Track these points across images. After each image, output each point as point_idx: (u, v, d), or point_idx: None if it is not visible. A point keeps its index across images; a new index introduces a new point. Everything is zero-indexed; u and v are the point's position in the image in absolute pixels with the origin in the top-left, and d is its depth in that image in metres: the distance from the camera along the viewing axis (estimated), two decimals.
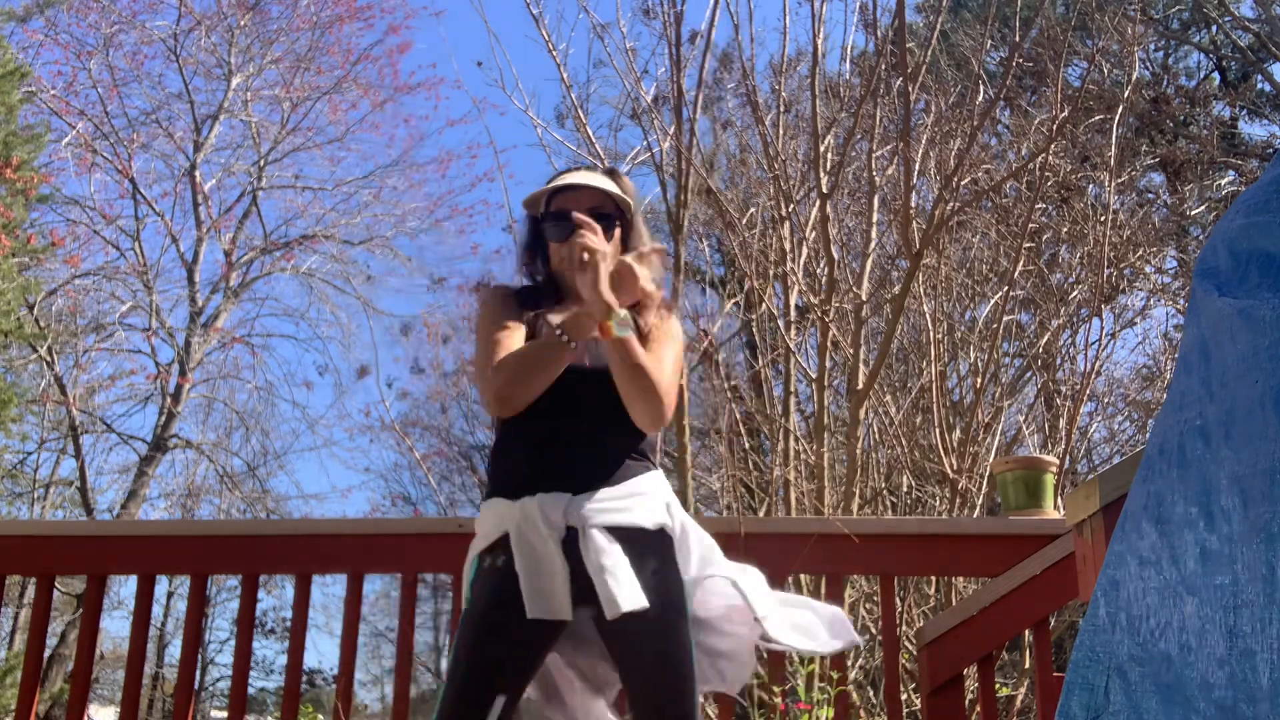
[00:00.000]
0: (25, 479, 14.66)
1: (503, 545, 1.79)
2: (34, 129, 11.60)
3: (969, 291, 6.75)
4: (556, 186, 1.98)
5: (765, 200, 6.10)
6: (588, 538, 1.76)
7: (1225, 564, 0.52)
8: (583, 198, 1.97)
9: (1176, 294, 8.41)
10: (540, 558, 1.74)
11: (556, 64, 5.65)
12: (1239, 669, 0.50)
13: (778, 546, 2.69)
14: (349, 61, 15.05)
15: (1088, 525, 1.95)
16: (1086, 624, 0.62)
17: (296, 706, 2.69)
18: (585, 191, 1.97)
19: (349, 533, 2.93)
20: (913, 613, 5.09)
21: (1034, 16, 7.50)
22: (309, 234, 15.09)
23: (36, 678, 2.72)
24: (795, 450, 5.45)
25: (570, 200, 1.96)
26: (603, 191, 1.98)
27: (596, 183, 1.98)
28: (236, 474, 15.50)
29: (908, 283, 4.42)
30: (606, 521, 1.79)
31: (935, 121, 6.08)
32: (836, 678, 2.57)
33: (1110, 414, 8.18)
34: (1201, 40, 14.02)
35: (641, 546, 1.79)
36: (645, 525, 1.82)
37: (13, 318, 10.76)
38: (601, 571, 1.73)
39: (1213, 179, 11.81)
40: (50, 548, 2.87)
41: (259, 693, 18.92)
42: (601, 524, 1.78)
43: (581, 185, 1.98)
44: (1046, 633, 2.58)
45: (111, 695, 15.57)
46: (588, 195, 1.97)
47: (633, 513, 1.82)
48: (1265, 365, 0.52)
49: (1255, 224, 0.57)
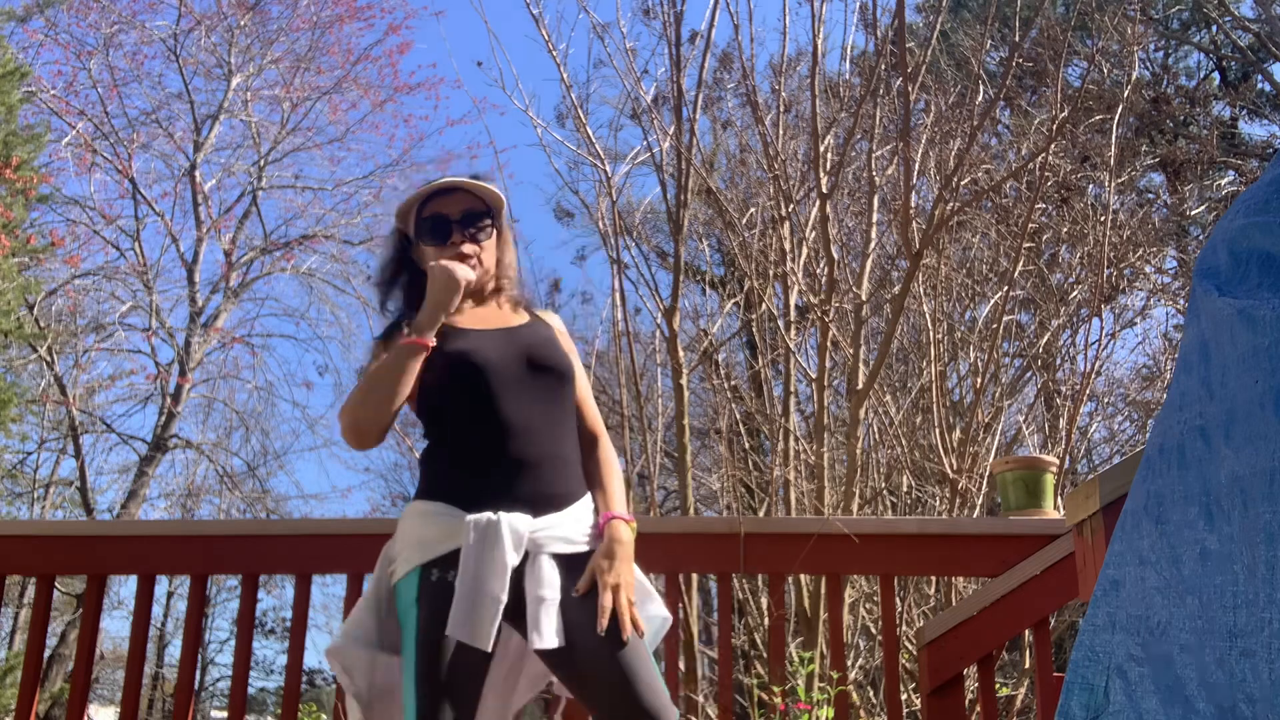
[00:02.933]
0: (25, 479, 14.66)
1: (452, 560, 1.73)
2: (34, 129, 11.60)
3: (969, 291, 6.75)
4: (428, 193, 1.96)
5: (765, 200, 6.10)
6: (536, 565, 1.74)
7: (1225, 564, 0.52)
8: (456, 200, 1.95)
9: (1176, 294, 8.41)
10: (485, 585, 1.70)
11: (556, 64, 5.65)
12: (1239, 669, 0.50)
13: (778, 546, 2.69)
14: (349, 61, 15.07)
15: (1088, 525, 1.95)
16: (1086, 624, 0.62)
17: (296, 706, 2.69)
18: (457, 194, 1.95)
19: (349, 533, 2.93)
20: (913, 613, 5.09)
21: (1034, 16, 7.50)
22: (309, 234, 15.09)
23: (36, 678, 2.72)
24: (795, 450, 5.45)
25: (444, 204, 1.95)
26: (474, 193, 1.96)
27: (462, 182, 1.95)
28: (236, 474, 15.51)
29: (908, 283, 4.42)
30: (556, 550, 1.77)
31: (935, 121, 6.07)
32: (836, 678, 2.57)
33: (1110, 414, 8.18)
34: (1201, 40, 14.02)
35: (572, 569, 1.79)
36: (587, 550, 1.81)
37: (13, 318, 10.75)
38: (539, 603, 1.71)
39: (1213, 179, 11.80)
40: (50, 548, 2.87)
41: (259, 693, 18.93)
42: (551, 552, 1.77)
43: (453, 187, 1.95)
44: (1046, 633, 2.58)
45: (111, 695, 15.57)
46: (460, 198, 1.95)
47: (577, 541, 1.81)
48: (1265, 365, 0.52)
49: (1255, 224, 0.57)
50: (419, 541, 1.78)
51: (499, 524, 1.73)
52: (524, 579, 1.75)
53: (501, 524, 1.73)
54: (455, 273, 1.85)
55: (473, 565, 1.71)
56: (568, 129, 8.88)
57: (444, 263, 1.87)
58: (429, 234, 1.95)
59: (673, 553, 2.67)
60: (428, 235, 1.95)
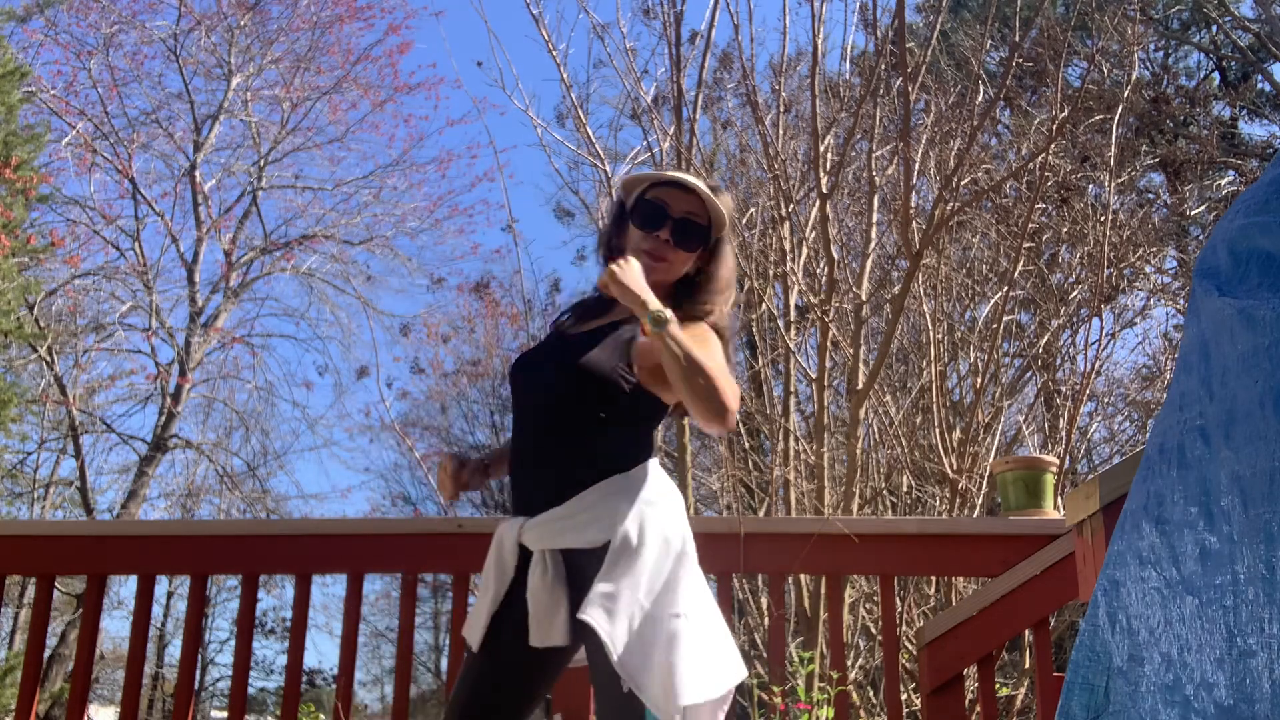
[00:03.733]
0: (25, 479, 14.66)
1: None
2: (34, 129, 11.59)
3: (969, 291, 6.75)
4: (661, 179, 1.93)
5: (765, 200, 6.10)
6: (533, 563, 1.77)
7: (1225, 564, 0.52)
8: (685, 199, 1.90)
9: (1176, 294, 8.41)
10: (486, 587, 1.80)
11: (556, 64, 5.65)
12: (1239, 669, 0.50)
13: (778, 546, 2.69)
14: (349, 61, 15.05)
15: (1088, 525, 1.95)
16: (1086, 624, 0.62)
17: (296, 706, 2.69)
18: (691, 195, 1.89)
19: (349, 533, 2.93)
20: (913, 613, 5.09)
21: (1034, 16, 7.50)
22: (309, 234, 15.08)
23: (36, 678, 2.72)
24: (795, 450, 5.45)
25: (672, 195, 1.90)
26: (701, 199, 1.89)
27: (698, 187, 1.89)
28: (236, 474, 15.50)
29: (908, 283, 4.42)
30: (549, 545, 1.77)
31: (935, 121, 6.07)
32: (836, 678, 2.57)
33: (1110, 414, 8.18)
34: (1201, 40, 14.02)
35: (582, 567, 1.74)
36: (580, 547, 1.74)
37: (13, 318, 10.76)
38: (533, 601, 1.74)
39: (1213, 179, 11.80)
40: (50, 548, 2.87)
41: (259, 693, 18.92)
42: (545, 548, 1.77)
43: (684, 184, 1.90)
44: (1046, 633, 2.58)
45: (111, 695, 15.57)
46: (691, 199, 1.89)
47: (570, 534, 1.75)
48: (1265, 365, 0.52)
49: (1255, 224, 0.57)
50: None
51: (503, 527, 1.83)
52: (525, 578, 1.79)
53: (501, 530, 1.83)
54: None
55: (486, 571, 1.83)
56: (568, 129, 8.88)
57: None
58: (642, 216, 1.90)
59: None
60: (640, 217, 1.90)
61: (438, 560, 2.87)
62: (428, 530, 2.91)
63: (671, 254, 1.88)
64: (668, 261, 1.88)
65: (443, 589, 12.30)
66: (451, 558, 2.76)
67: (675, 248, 1.88)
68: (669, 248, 1.87)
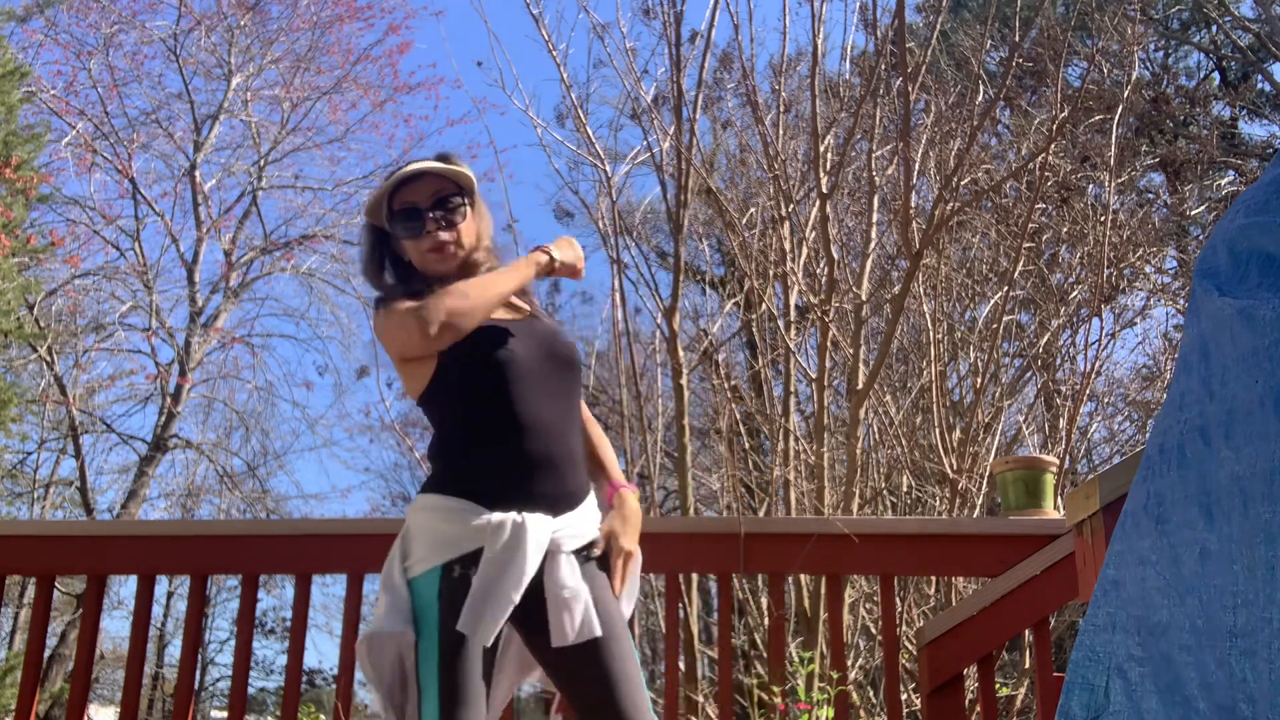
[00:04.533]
0: (25, 479, 14.66)
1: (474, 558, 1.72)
2: (34, 129, 11.59)
3: (969, 291, 6.75)
4: (395, 183, 1.91)
5: (765, 200, 6.10)
6: (555, 565, 1.75)
7: (1225, 564, 0.52)
8: (424, 186, 1.90)
9: (1176, 294, 8.41)
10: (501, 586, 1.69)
11: (556, 64, 5.65)
12: (1239, 669, 0.50)
13: (778, 546, 2.69)
14: (349, 61, 15.06)
15: (1088, 525, 1.95)
16: (1086, 624, 0.62)
17: (296, 706, 2.69)
18: (426, 179, 1.90)
19: (349, 533, 2.93)
20: (913, 613, 5.09)
21: (1034, 16, 7.50)
22: (309, 234, 15.08)
23: (36, 678, 2.72)
24: (795, 450, 5.45)
25: (413, 192, 1.90)
26: (442, 175, 1.91)
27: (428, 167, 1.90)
28: (236, 474, 15.51)
29: (908, 283, 4.42)
30: (574, 547, 1.79)
31: (935, 121, 6.07)
32: (836, 678, 2.57)
33: (1110, 414, 8.18)
34: (1201, 40, 14.02)
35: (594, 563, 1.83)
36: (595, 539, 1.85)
37: (13, 318, 10.75)
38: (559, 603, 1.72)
39: (1213, 179, 11.80)
40: (50, 548, 2.87)
41: (259, 693, 18.92)
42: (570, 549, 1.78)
43: (421, 173, 1.90)
44: (1046, 633, 2.58)
45: (111, 695, 15.57)
46: (429, 182, 1.90)
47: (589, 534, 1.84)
48: (1265, 365, 0.52)
49: (1255, 224, 0.57)
50: (440, 538, 1.74)
51: (523, 527, 1.71)
52: (543, 578, 1.75)
53: (526, 528, 1.72)
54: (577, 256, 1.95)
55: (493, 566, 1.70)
56: (568, 129, 8.88)
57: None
58: (404, 226, 1.90)
59: (673, 553, 2.67)
60: (402, 228, 1.90)
61: None
62: None
63: (449, 235, 1.89)
64: (452, 243, 1.90)
65: None
66: None
67: (449, 228, 1.89)
68: (443, 231, 1.89)
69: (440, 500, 1.78)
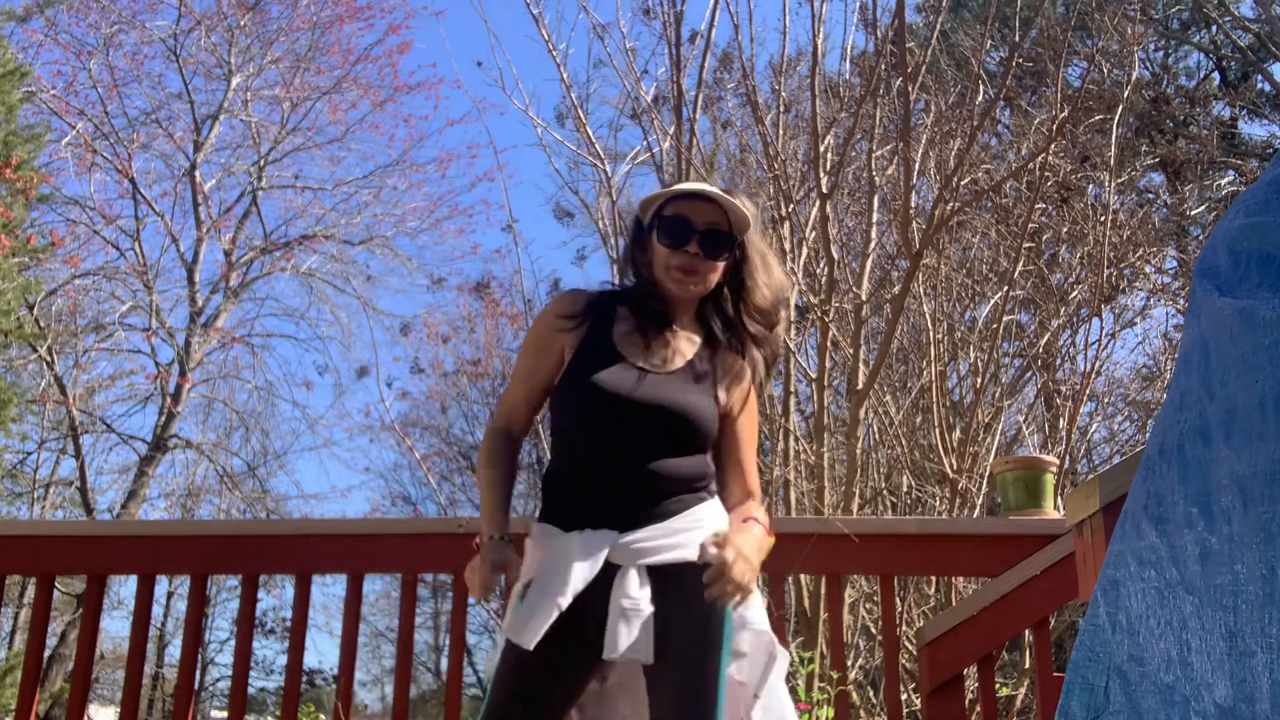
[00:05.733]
0: (25, 479, 14.67)
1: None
2: (34, 129, 11.59)
3: (969, 291, 6.75)
4: (682, 192, 1.90)
5: (765, 200, 6.10)
6: (624, 577, 1.74)
7: (1225, 564, 0.52)
8: (705, 209, 1.87)
9: (1176, 294, 8.42)
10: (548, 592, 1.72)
11: (556, 64, 5.65)
12: (1239, 669, 0.50)
13: (778, 546, 2.69)
14: (349, 61, 15.06)
15: (1088, 525, 1.95)
16: (1086, 624, 0.62)
17: (296, 706, 2.69)
18: (710, 204, 1.87)
19: (349, 533, 2.93)
20: (913, 613, 5.09)
21: (1034, 16, 7.50)
22: (309, 234, 15.09)
23: (36, 678, 2.72)
24: (795, 450, 5.45)
25: (692, 208, 1.87)
26: (722, 208, 1.87)
27: (718, 196, 1.87)
28: (236, 474, 15.50)
29: (908, 283, 4.42)
30: (647, 561, 1.77)
31: (935, 121, 6.07)
32: (836, 678, 2.57)
33: (1110, 414, 8.18)
34: (1201, 40, 14.02)
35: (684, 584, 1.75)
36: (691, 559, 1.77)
37: (13, 318, 10.76)
38: (619, 613, 1.71)
39: (1213, 179, 11.81)
40: (50, 548, 2.87)
41: (259, 693, 18.92)
42: (642, 563, 1.76)
43: (703, 195, 1.87)
44: (1046, 633, 2.58)
45: (111, 695, 15.57)
46: (711, 209, 1.87)
47: (678, 550, 1.78)
48: (1265, 365, 0.52)
49: (1255, 224, 0.57)
50: (530, 560, 1.83)
51: (574, 537, 1.76)
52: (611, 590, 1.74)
53: (577, 538, 1.75)
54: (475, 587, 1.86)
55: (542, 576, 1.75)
56: (568, 129, 8.88)
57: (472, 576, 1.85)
58: (667, 234, 1.87)
59: None
60: (666, 235, 1.88)
61: (438, 560, 2.87)
62: (428, 530, 2.91)
63: (702, 266, 1.87)
64: (700, 274, 1.87)
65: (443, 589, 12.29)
66: (451, 558, 2.75)
67: (705, 259, 1.87)
68: (699, 260, 1.86)
69: (536, 527, 1.87)
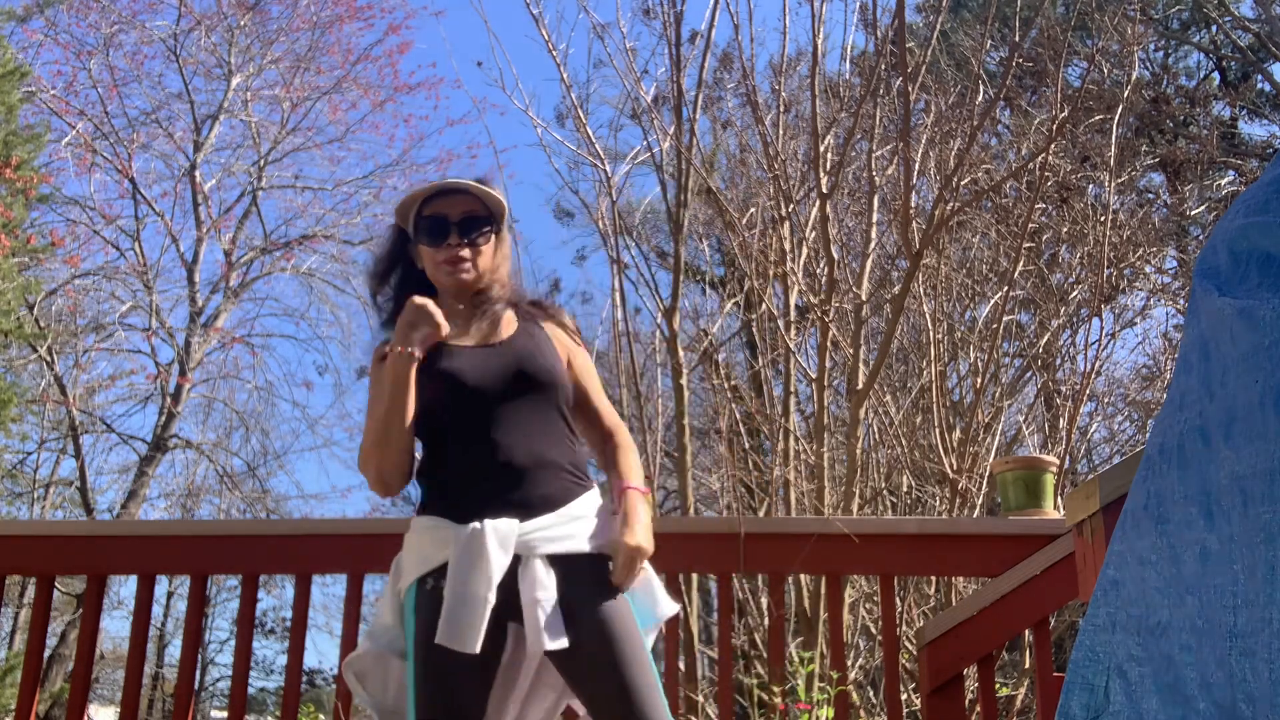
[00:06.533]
0: (25, 479, 14.67)
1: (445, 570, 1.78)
2: (34, 129, 11.59)
3: (969, 291, 6.75)
4: (429, 192, 1.96)
5: (765, 200, 6.10)
6: (528, 568, 1.76)
7: (1225, 564, 0.52)
8: (457, 202, 1.95)
9: (1176, 294, 8.42)
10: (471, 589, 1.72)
11: (556, 64, 5.65)
12: (1239, 669, 0.50)
13: (778, 546, 2.69)
14: (349, 61, 15.06)
15: (1088, 525, 1.95)
16: (1086, 624, 0.62)
17: (296, 706, 2.69)
18: (459, 196, 1.95)
19: (349, 533, 2.93)
20: (913, 613, 5.09)
21: (1034, 16, 7.50)
22: (309, 234, 15.08)
23: (36, 678, 2.72)
24: (795, 450, 5.45)
25: (445, 205, 1.95)
26: (475, 196, 1.96)
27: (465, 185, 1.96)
28: (236, 474, 15.50)
29: (908, 283, 4.42)
30: (549, 550, 1.78)
31: (935, 121, 6.07)
32: (836, 678, 2.57)
33: (1110, 414, 8.18)
34: (1201, 40, 14.02)
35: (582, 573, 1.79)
36: (586, 550, 1.81)
37: (13, 318, 10.76)
38: (535, 605, 1.72)
39: (1213, 179, 11.80)
40: (50, 548, 2.87)
41: (259, 693, 18.92)
42: (544, 553, 1.77)
43: (455, 189, 1.95)
44: (1046, 633, 2.58)
45: (111, 695, 15.57)
46: (461, 200, 1.95)
47: (574, 539, 1.81)
48: (1265, 365, 0.52)
49: (1255, 224, 0.57)
50: (418, 555, 1.83)
51: (482, 530, 1.76)
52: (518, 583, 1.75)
53: (485, 529, 1.76)
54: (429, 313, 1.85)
55: (458, 572, 1.75)
56: (568, 129, 8.88)
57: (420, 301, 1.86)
58: (427, 234, 1.95)
59: (673, 553, 2.67)
60: (425, 235, 1.95)
61: None
62: None
63: (469, 253, 1.94)
64: (469, 262, 1.94)
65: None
66: None
67: (470, 246, 1.94)
68: (462, 249, 1.93)
69: (420, 520, 1.87)
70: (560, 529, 1.81)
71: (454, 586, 1.73)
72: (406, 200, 1.99)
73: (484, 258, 1.97)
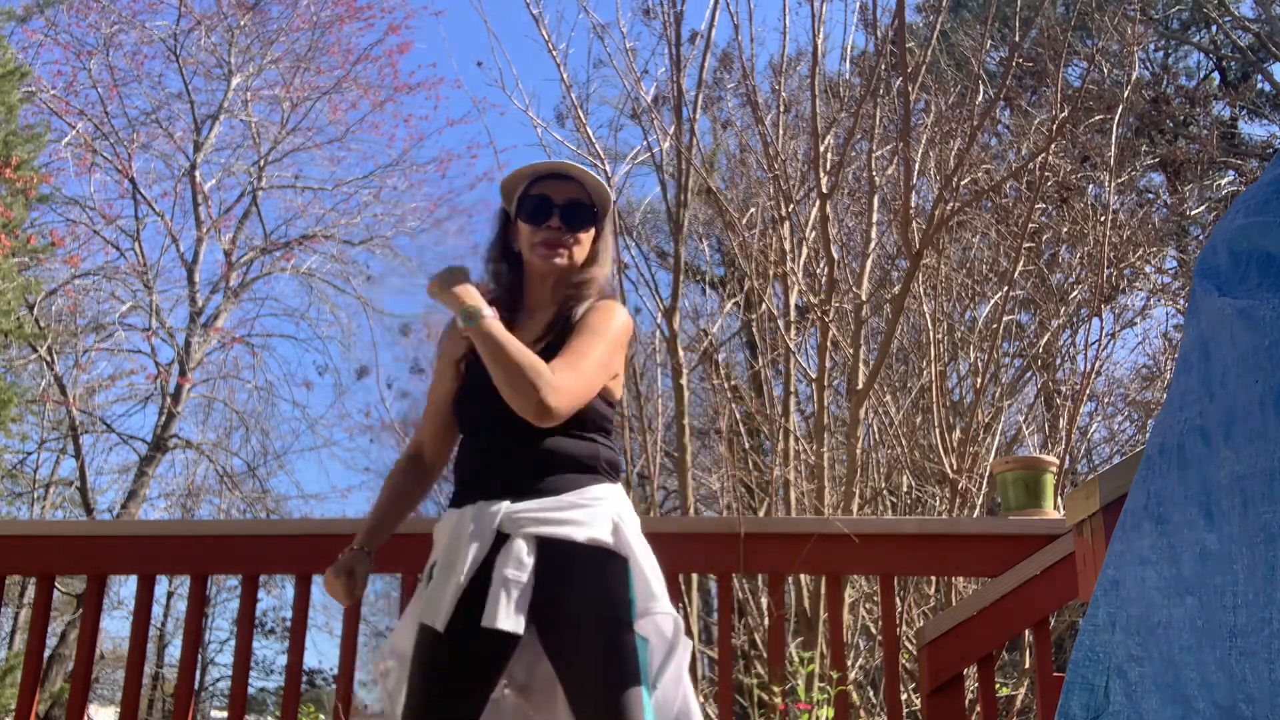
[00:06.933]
0: (25, 479, 14.67)
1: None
2: (34, 129, 11.60)
3: (969, 291, 6.75)
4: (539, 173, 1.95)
5: (765, 200, 6.10)
6: (510, 545, 1.74)
7: (1225, 564, 0.52)
8: (564, 187, 1.94)
9: (1176, 294, 8.42)
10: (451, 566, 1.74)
11: (556, 64, 5.66)
12: (1239, 669, 0.50)
13: (778, 546, 2.69)
14: (349, 61, 15.06)
15: (1088, 525, 1.95)
16: (1086, 624, 0.62)
17: (296, 706, 2.69)
18: (568, 182, 1.94)
19: (349, 533, 2.91)
20: (913, 613, 5.09)
21: (1034, 16, 7.50)
22: (309, 234, 15.08)
23: (36, 678, 2.72)
24: (795, 450, 5.45)
25: (551, 188, 1.94)
26: (583, 185, 1.95)
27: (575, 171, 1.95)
28: (236, 474, 15.50)
29: (908, 283, 4.42)
30: (535, 531, 1.75)
31: (935, 121, 6.07)
32: (836, 678, 2.57)
33: (1110, 414, 8.19)
34: (1201, 40, 14.02)
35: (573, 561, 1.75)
36: (577, 539, 1.76)
37: (13, 318, 10.76)
38: (502, 582, 1.70)
39: (1213, 179, 11.80)
40: (50, 548, 2.87)
41: (259, 693, 18.92)
42: (530, 533, 1.75)
43: (561, 172, 1.95)
44: (1046, 633, 2.58)
45: (111, 695, 15.57)
46: (570, 186, 1.94)
47: (566, 526, 1.76)
48: (1265, 365, 0.52)
49: (1255, 224, 0.57)
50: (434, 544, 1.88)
51: (464, 511, 1.79)
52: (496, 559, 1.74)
53: (468, 510, 1.79)
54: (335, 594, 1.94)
55: (441, 553, 1.80)
56: (568, 129, 8.88)
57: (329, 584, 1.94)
58: (529, 212, 1.93)
59: (673, 553, 2.66)
60: (527, 213, 1.94)
61: None
62: (427, 530, 2.89)
63: (567, 238, 1.93)
64: (565, 248, 1.93)
65: None
66: None
67: (568, 232, 1.93)
68: (562, 234, 1.92)
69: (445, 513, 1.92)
70: (554, 514, 1.77)
71: (438, 569, 1.78)
72: (512, 178, 1.97)
73: (581, 247, 1.95)
